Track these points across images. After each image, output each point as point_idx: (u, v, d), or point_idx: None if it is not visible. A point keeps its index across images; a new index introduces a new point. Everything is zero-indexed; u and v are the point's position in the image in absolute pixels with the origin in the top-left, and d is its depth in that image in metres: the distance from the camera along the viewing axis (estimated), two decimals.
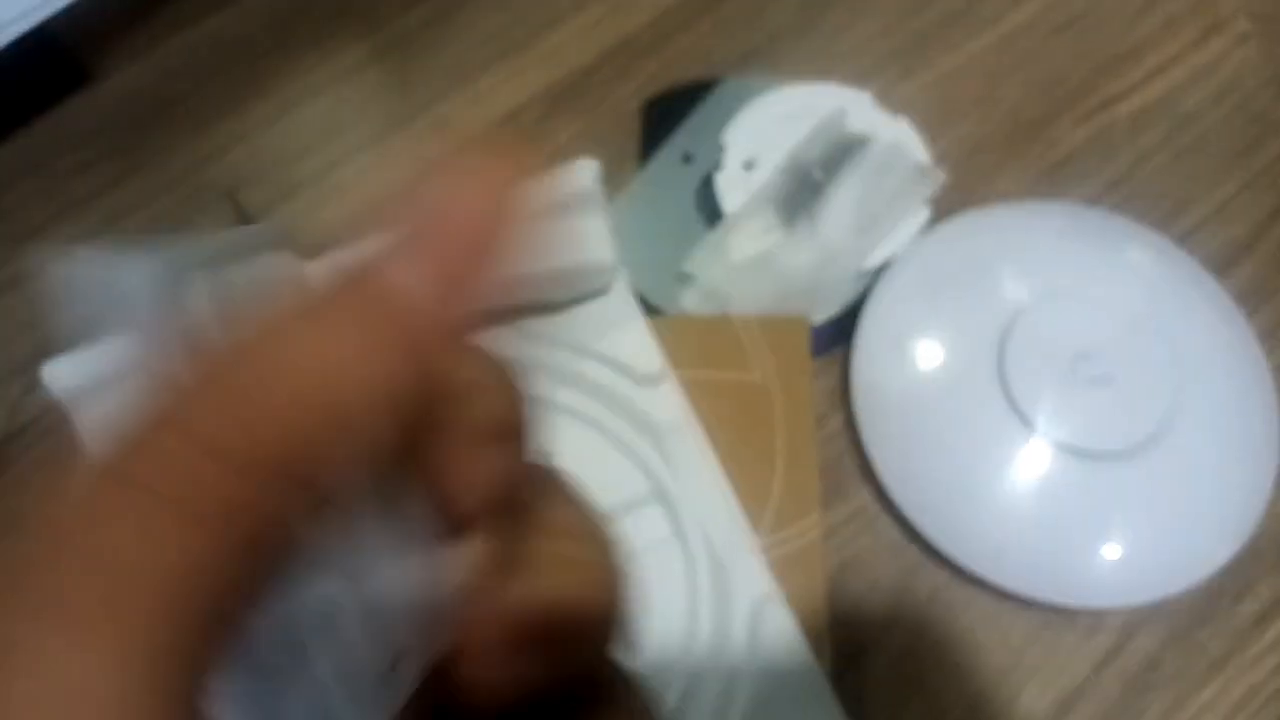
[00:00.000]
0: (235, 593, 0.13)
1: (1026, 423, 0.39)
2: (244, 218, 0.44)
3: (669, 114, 0.47)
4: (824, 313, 0.44)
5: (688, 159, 0.46)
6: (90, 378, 0.31)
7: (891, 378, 0.42)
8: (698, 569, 0.33)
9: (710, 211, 0.45)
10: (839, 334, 0.43)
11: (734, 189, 0.45)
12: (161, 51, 0.48)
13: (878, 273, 0.44)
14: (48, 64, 0.46)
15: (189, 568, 0.12)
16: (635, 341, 0.35)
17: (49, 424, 0.42)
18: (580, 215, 0.34)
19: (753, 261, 0.43)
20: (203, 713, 0.13)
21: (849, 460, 0.41)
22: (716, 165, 0.45)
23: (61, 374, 0.31)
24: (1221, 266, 0.44)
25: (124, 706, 0.12)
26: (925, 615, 0.39)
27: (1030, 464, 0.39)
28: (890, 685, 0.38)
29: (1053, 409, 0.39)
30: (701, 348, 0.36)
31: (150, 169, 0.47)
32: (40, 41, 0.45)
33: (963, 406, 0.40)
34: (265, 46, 0.48)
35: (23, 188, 0.46)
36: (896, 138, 0.45)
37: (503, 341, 0.34)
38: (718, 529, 0.33)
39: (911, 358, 0.42)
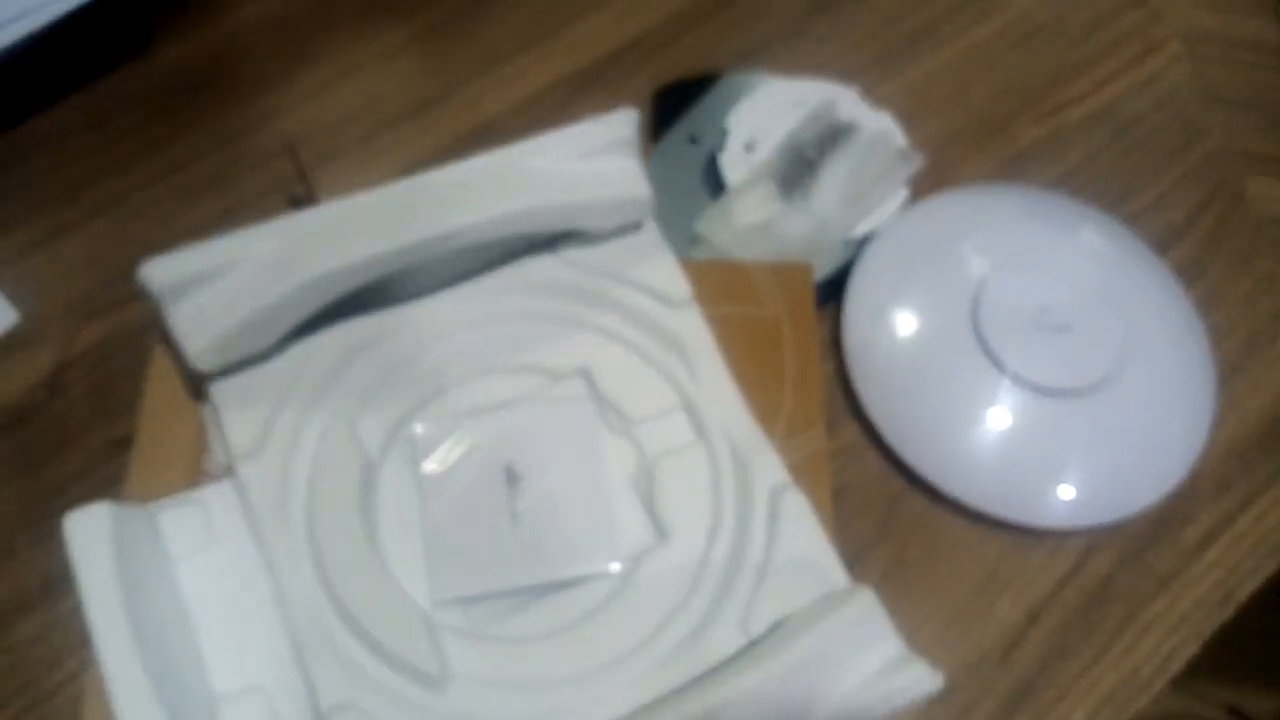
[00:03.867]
0: None
1: (998, 364, 0.44)
2: (300, 170, 0.48)
3: (677, 101, 0.52)
4: (817, 275, 0.48)
5: (694, 140, 0.51)
6: (183, 275, 0.34)
7: (877, 330, 0.47)
8: (721, 465, 0.37)
9: (715, 186, 0.50)
10: (830, 293, 0.48)
11: (736, 167, 0.50)
12: (215, 28, 0.52)
13: (863, 242, 0.49)
14: (111, 31, 0.50)
15: None
16: (664, 271, 0.40)
17: (102, 355, 0.45)
18: (621, 156, 0.39)
19: (754, 228, 0.48)
20: None
21: (840, 401, 0.46)
22: (720, 146, 0.50)
23: (157, 271, 0.34)
24: (1162, 246, 0.50)
25: None
26: (909, 536, 0.44)
27: (1002, 401, 0.44)
28: (879, 595, 0.42)
29: (1020, 352, 0.44)
30: (720, 286, 0.41)
31: (199, 131, 0.50)
32: (106, 9, 0.49)
33: (941, 353, 0.46)
34: (311, 28, 0.52)
35: (78, 142, 0.50)
36: (881, 127, 0.51)
37: (552, 269, 0.39)
38: (738, 431, 0.37)
39: (894, 313, 0.47)
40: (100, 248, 0.47)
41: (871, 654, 0.32)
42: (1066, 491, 0.44)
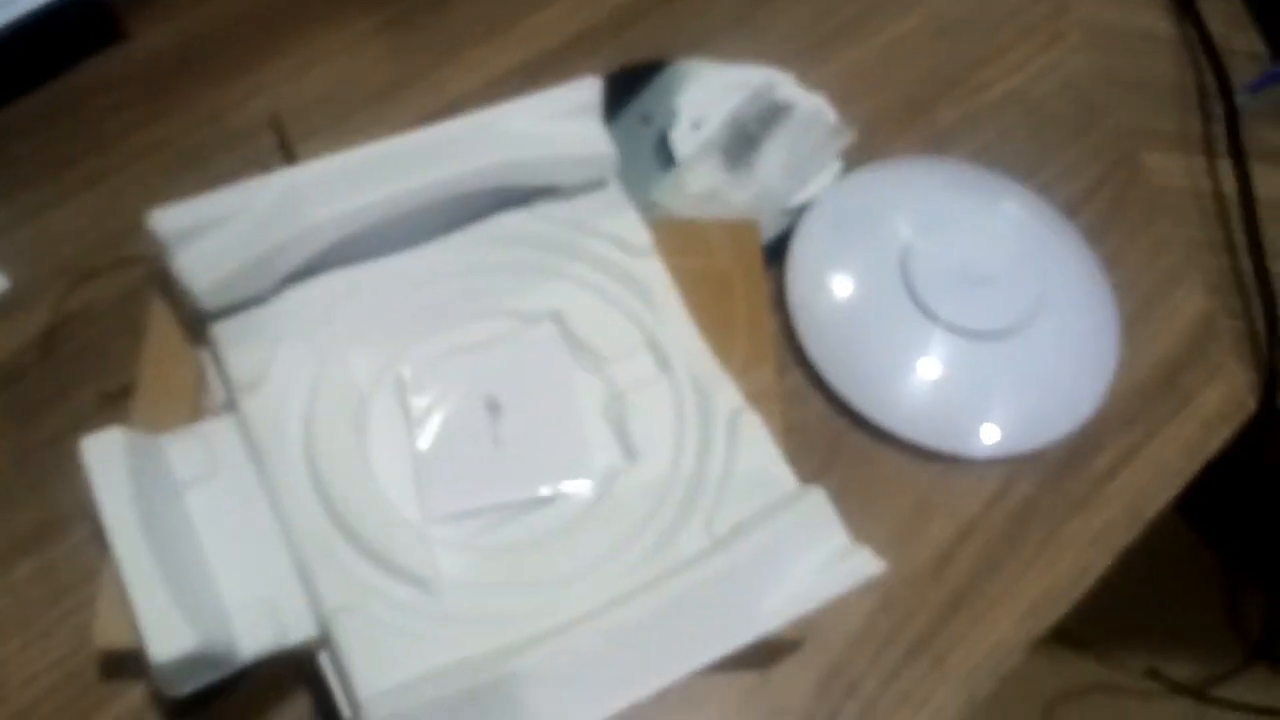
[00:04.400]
0: None
1: (927, 312, 0.49)
2: (284, 141, 0.51)
3: (629, 85, 0.56)
4: (761, 238, 0.53)
5: (646, 120, 0.56)
6: (189, 223, 0.37)
7: (817, 287, 0.51)
8: (683, 394, 0.41)
9: (666, 160, 0.54)
10: (772, 256, 0.53)
11: (685, 142, 0.54)
12: (190, 16, 0.55)
13: (801, 209, 0.53)
14: (89, 19, 0.53)
15: None
16: (628, 223, 0.43)
17: (91, 316, 0.48)
18: (586, 119, 0.43)
19: (703, 196, 0.53)
20: None
21: (785, 351, 0.50)
22: (670, 125, 0.55)
23: (165, 219, 0.37)
24: (1070, 211, 0.55)
25: None
26: (850, 469, 0.48)
27: (932, 345, 0.49)
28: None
29: (947, 301, 0.49)
30: (677, 242, 0.45)
31: (177, 113, 0.53)
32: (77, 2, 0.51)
33: (875, 304, 0.50)
34: (286, 16, 0.55)
35: (61, 124, 0.52)
36: (815, 106, 0.56)
37: (525, 223, 0.42)
38: (698, 364, 0.41)
39: (832, 271, 0.51)
40: (86, 220, 0.50)
41: (821, 543, 0.36)
42: (991, 424, 0.48)
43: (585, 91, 0.43)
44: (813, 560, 0.36)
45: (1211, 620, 1.24)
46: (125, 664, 0.39)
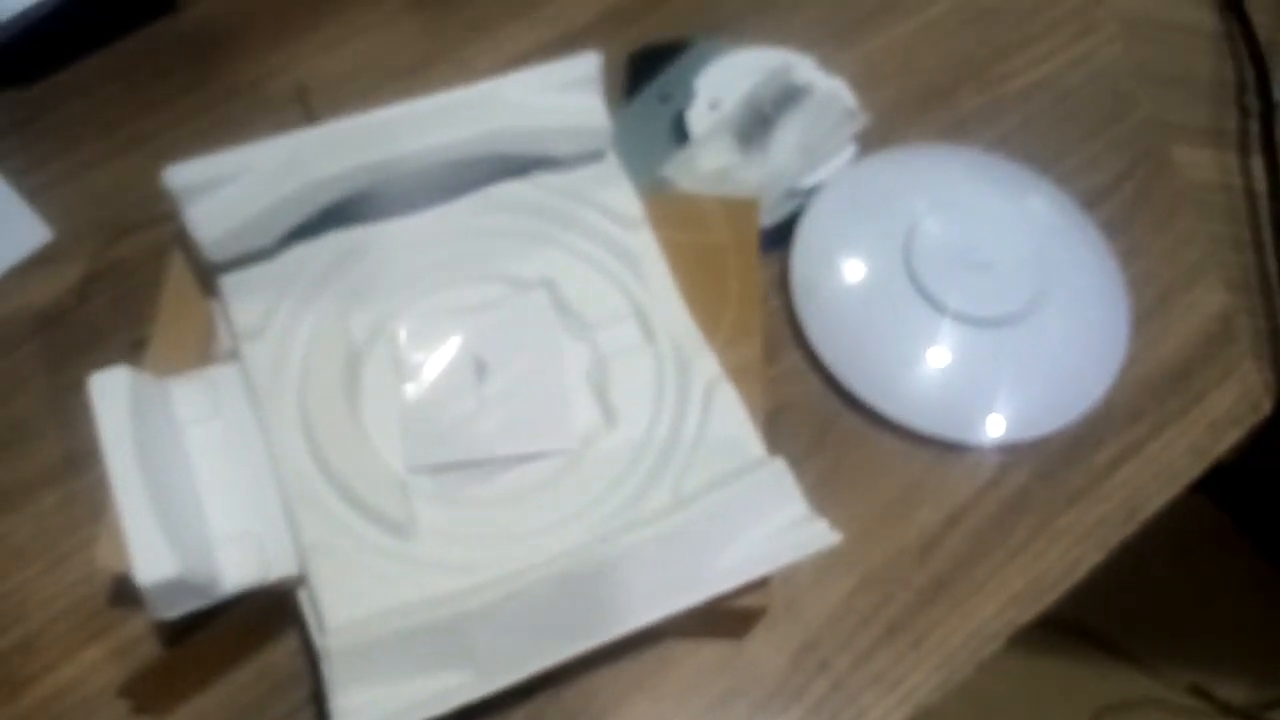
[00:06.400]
0: None
1: (927, 297, 0.49)
2: (310, 114, 0.53)
3: (650, 65, 0.58)
4: (769, 220, 0.54)
5: (665, 99, 0.57)
6: (201, 178, 0.40)
7: (822, 268, 0.52)
8: (665, 362, 0.42)
9: (682, 139, 0.55)
10: (781, 237, 0.53)
11: (701, 122, 0.55)
12: None
13: (812, 192, 0.54)
14: None
15: None
16: (622, 195, 0.45)
17: (126, 269, 0.51)
18: (584, 92, 0.44)
19: (714, 174, 0.53)
20: None
21: (785, 331, 0.51)
22: (687, 104, 0.55)
23: (179, 174, 0.40)
24: (1090, 204, 0.55)
25: None
26: (844, 447, 0.48)
27: (932, 329, 0.49)
28: (811, 498, 0.46)
29: (949, 285, 0.49)
30: (673, 216, 0.46)
31: (220, 80, 0.56)
32: None
33: (878, 286, 0.50)
34: None
35: (111, 88, 0.56)
36: (833, 89, 0.56)
37: (523, 191, 0.43)
38: (681, 334, 0.42)
39: (838, 253, 0.52)
40: (127, 179, 0.53)
41: (778, 511, 0.37)
42: (988, 412, 0.48)
43: (584, 65, 0.44)
44: (769, 526, 0.37)
45: (1270, 643, 1.20)
46: (132, 592, 0.42)
